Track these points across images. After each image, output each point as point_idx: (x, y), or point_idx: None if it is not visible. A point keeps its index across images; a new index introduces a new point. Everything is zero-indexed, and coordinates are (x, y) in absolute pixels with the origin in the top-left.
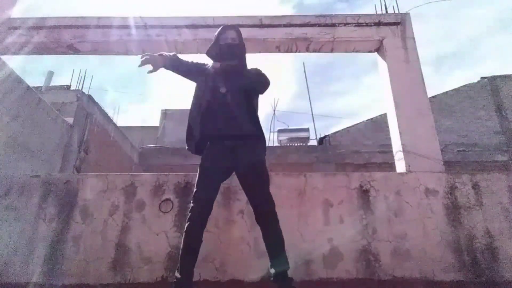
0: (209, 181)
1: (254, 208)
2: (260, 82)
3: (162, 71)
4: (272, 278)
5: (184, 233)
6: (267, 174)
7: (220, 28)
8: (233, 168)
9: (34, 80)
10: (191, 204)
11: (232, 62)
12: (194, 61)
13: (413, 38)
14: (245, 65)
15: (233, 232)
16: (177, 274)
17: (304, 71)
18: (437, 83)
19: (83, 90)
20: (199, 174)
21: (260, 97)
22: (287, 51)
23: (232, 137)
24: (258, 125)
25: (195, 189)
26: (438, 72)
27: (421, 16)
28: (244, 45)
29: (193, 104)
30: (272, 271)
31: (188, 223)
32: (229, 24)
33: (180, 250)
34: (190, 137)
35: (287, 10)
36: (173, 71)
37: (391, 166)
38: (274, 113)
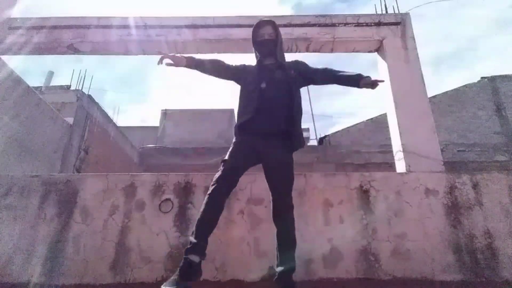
0: (240, 154)
1: (274, 202)
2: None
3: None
4: (276, 278)
5: (207, 197)
6: (292, 174)
7: (255, 25)
8: (260, 161)
9: (34, 80)
10: (220, 168)
11: (270, 61)
12: (236, 64)
13: (413, 38)
14: (283, 59)
15: (233, 232)
16: (192, 239)
17: None
18: (436, 83)
19: (83, 90)
20: (232, 147)
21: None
22: (287, 51)
23: (266, 132)
24: (295, 121)
25: (225, 157)
26: (437, 72)
27: (420, 16)
28: (281, 39)
29: (239, 101)
30: (279, 269)
31: (213, 185)
32: (264, 19)
33: (200, 213)
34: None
35: (286, 10)
36: (198, 70)
37: (391, 166)
38: None
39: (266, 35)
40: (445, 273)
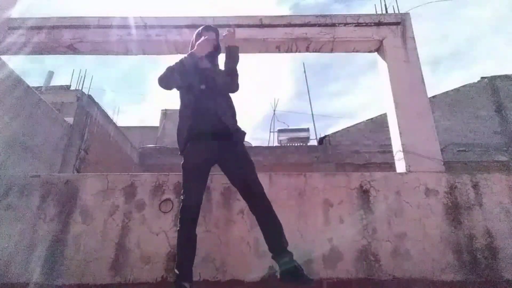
0: (194, 183)
1: (245, 197)
2: (230, 83)
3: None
4: (279, 276)
5: (178, 233)
6: (251, 161)
7: (201, 28)
8: (215, 161)
9: (34, 80)
10: (181, 206)
11: (205, 64)
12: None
13: (413, 38)
14: (216, 64)
15: (233, 232)
16: (176, 271)
17: (304, 71)
18: (434, 83)
19: (83, 90)
20: (183, 177)
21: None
22: (287, 51)
23: (214, 132)
24: (235, 119)
25: (182, 193)
26: (435, 72)
27: (419, 16)
28: (219, 47)
29: (182, 104)
30: (280, 268)
31: (180, 225)
32: (208, 25)
33: (176, 248)
34: (181, 138)
35: (284, 10)
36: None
37: (391, 166)
38: (274, 113)
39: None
40: (445, 273)
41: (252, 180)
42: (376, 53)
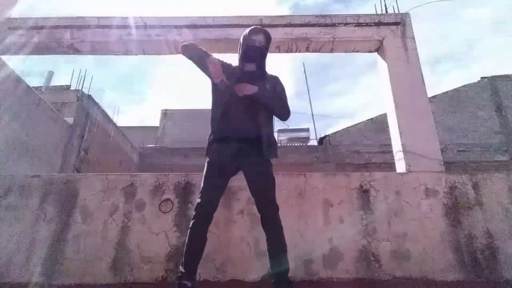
0: (215, 179)
1: (259, 211)
2: (281, 107)
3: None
4: (273, 281)
5: (189, 230)
6: (273, 179)
7: (248, 29)
8: (239, 169)
9: (34, 80)
10: (198, 200)
11: (251, 67)
12: (220, 60)
13: (413, 38)
14: (264, 69)
15: (233, 232)
16: (181, 269)
17: (304, 71)
18: (433, 83)
19: (83, 90)
20: (206, 171)
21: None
22: (287, 51)
23: (243, 139)
24: (269, 129)
25: (202, 186)
26: (434, 72)
27: (418, 16)
28: (267, 51)
29: (214, 104)
30: (274, 272)
31: (193, 220)
32: (258, 26)
33: (185, 245)
34: (210, 137)
35: (283, 11)
36: (193, 61)
37: (391, 166)
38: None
39: (257, 42)
40: (445, 273)
41: (267, 204)
42: (376, 53)
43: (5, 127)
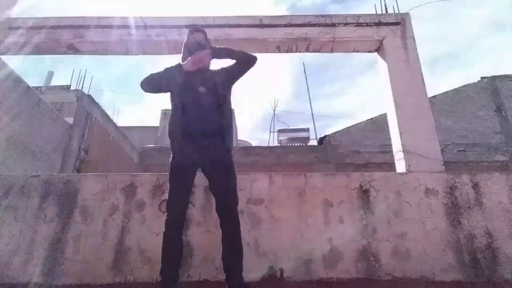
0: (179, 190)
1: (218, 204)
2: (239, 53)
3: None
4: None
5: (163, 239)
6: (234, 171)
7: (188, 31)
8: (200, 164)
9: (34, 80)
10: (166, 209)
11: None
12: (162, 70)
13: (413, 38)
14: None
15: None
16: (160, 276)
17: (304, 71)
18: (432, 84)
19: (83, 90)
20: (169, 180)
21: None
22: (287, 51)
23: (202, 135)
24: (228, 121)
25: (167, 196)
26: (433, 73)
27: (417, 16)
28: (210, 46)
29: (173, 107)
30: (227, 282)
31: (165, 225)
32: (196, 26)
33: (161, 251)
34: (173, 138)
35: (281, 11)
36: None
37: (391, 166)
38: (274, 113)
39: (198, 40)
40: (445, 273)
41: (232, 191)
42: (376, 53)
43: (5, 127)
